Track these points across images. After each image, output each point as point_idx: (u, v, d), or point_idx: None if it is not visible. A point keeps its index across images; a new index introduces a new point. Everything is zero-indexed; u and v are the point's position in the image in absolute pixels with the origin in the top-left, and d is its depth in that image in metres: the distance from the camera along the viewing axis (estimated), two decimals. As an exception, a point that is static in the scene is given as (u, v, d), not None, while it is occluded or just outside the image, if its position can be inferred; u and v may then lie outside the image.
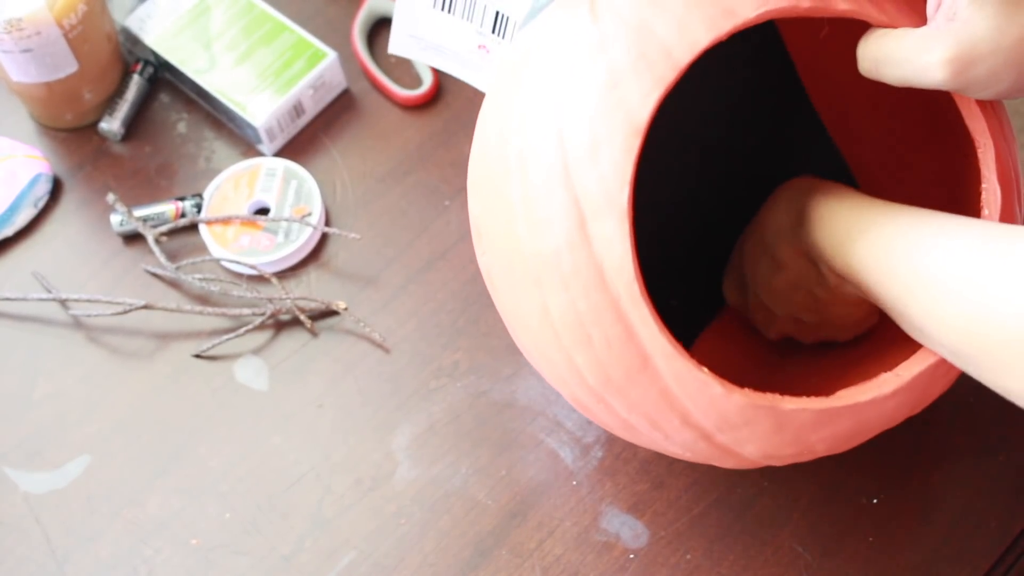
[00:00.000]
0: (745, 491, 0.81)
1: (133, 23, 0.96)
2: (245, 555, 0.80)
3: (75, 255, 0.91)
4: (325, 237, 0.91)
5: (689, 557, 0.79)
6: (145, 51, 0.96)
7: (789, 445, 0.64)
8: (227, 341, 0.87)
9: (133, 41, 0.96)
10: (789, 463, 0.67)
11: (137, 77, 0.96)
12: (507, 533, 0.80)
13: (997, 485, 0.81)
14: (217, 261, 0.90)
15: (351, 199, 0.92)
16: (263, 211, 0.92)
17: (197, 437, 0.84)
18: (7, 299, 0.88)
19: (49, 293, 0.88)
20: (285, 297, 0.87)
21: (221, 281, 0.88)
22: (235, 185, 0.91)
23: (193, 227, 0.91)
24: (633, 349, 0.61)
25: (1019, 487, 0.81)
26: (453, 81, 0.96)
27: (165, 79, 0.97)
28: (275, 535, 0.81)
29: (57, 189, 0.93)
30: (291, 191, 0.91)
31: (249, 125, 0.92)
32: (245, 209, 0.90)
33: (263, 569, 0.80)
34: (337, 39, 0.97)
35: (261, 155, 0.94)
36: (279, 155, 0.94)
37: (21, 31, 0.86)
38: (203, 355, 0.87)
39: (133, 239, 0.91)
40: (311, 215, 0.90)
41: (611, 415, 0.65)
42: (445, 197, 0.92)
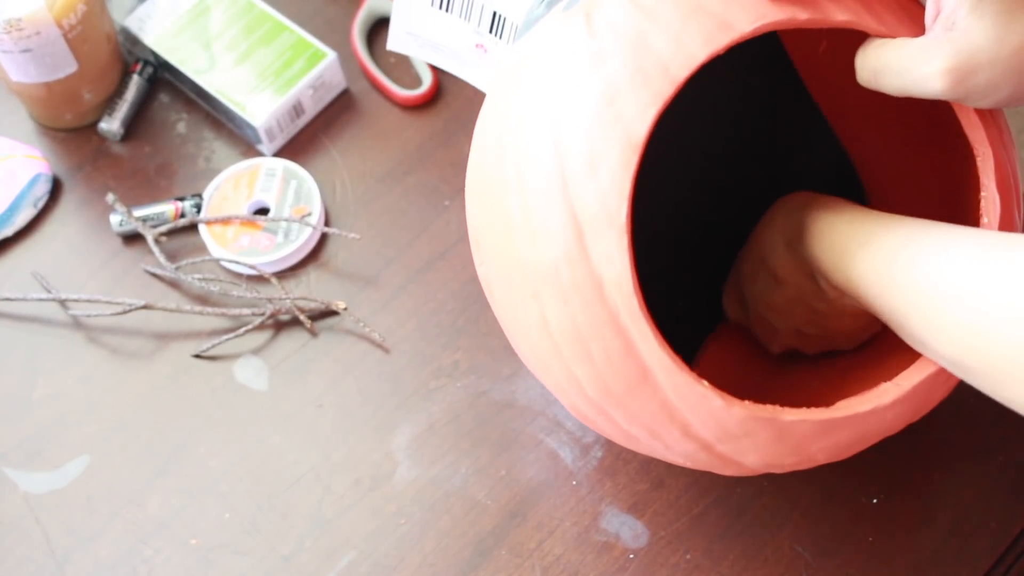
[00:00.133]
0: (745, 491, 0.81)
1: (133, 23, 0.96)
2: (245, 555, 0.80)
3: (75, 255, 0.91)
4: (325, 237, 0.91)
5: (689, 557, 0.79)
6: (145, 51, 0.96)
7: (789, 455, 0.64)
8: (227, 341, 0.87)
9: (133, 41, 0.96)
10: (789, 471, 0.67)
11: (137, 77, 0.96)
12: (507, 533, 0.80)
13: (997, 485, 0.81)
14: (217, 261, 0.90)
15: (351, 199, 0.92)
16: (263, 211, 0.92)
17: (197, 437, 0.84)
18: (7, 299, 0.88)
19: (49, 293, 0.88)
20: (285, 297, 0.87)
21: (221, 281, 0.88)
22: (235, 185, 0.91)
23: (193, 227, 0.91)
24: (633, 363, 0.61)
25: (1019, 487, 0.81)
26: (453, 81, 0.96)
27: (165, 79, 0.97)
28: (275, 535, 0.81)
29: (57, 189, 0.93)
30: (291, 191, 0.91)
31: (249, 125, 0.92)
32: (245, 209, 0.90)
33: (263, 569, 0.80)
34: (337, 39, 0.97)
35: (261, 155, 0.94)
36: (279, 155, 0.94)
37: (21, 31, 0.86)
38: (203, 355, 0.87)
39: (133, 239, 0.91)
40: (311, 215, 0.90)
41: (611, 425, 0.65)
42: (445, 197, 0.92)
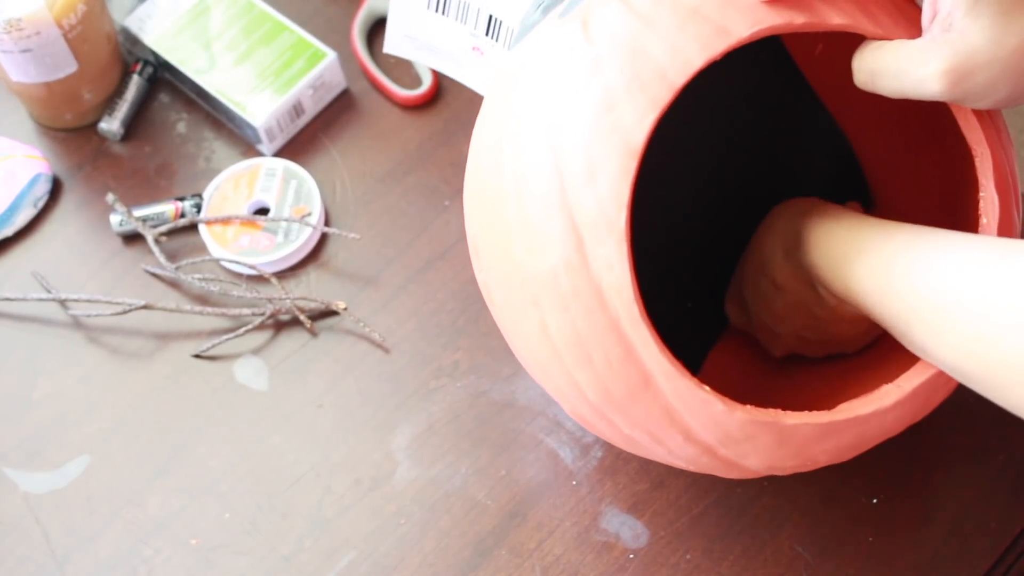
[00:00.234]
0: (745, 491, 0.81)
1: (133, 23, 0.96)
2: (245, 555, 0.80)
3: (75, 255, 0.91)
4: (325, 237, 0.91)
5: (689, 557, 0.79)
6: (145, 51, 0.96)
7: (791, 458, 0.64)
8: (227, 341, 0.86)
9: (133, 41, 0.96)
10: (791, 473, 0.67)
11: (137, 77, 0.96)
12: (507, 533, 0.80)
13: (997, 485, 0.81)
14: (217, 261, 0.90)
15: (351, 199, 0.92)
16: (263, 211, 0.92)
17: (197, 437, 0.84)
18: (7, 299, 0.88)
19: (49, 293, 0.88)
20: (285, 297, 0.87)
21: (221, 281, 0.88)
22: (235, 185, 0.91)
23: (193, 227, 0.91)
24: (634, 369, 0.61)
25: (1019, 487, 0.81)
26: (453, 81, 0.96)
27: (165, 79, 0.97)
28: (275, 535, 0.81)
29: (57, 189, 0.93)
30: (291, 191, 0.91)
31: (249, 125, 0.92)
32: (245, 209, 0.90)
33: (263, 569, 0.80)
34: (337, 39, 0.97)
35: (261, 155, 0.94)
36: (279, 155, 0.94)
37: (21, 31, 0.86)
38: (203, 355, 0.87)
39: (133, 239, 0.91)
40: (311, 215, 0.90)
41: (613, 430, 0.65)
42: (445, 197, 0.92)
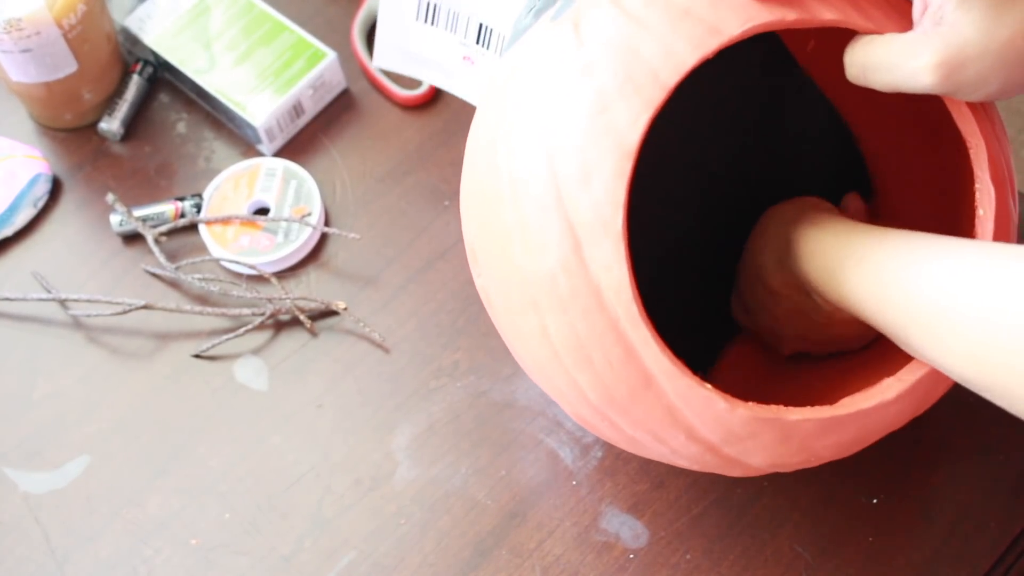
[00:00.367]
0: (745, 491, 0.81)
1: (133, 23, 0.96)
2: (245, 555, 0.80)
3: (74, 255, 0.91)
4: (325, 237, 0.91)
5: (689, 557, 0.79)
6: (145, 51, 0.96)
7: (795, 454, 0.64)
8: (227, 341, 0.86)
9: (133, 41, 0.96)
10: (794, 470, 0.67)
11: (137, 77, 0.96)
12: (507, 533, 0.80)
13: (997, 485, 0.81)
14: (217, 261, 0.90)
15: (351, 199, 0.92)
16: (263, 211, 0.92)
17: (197, 437, 0.84)
18: (7, 299, 0.88)
19: (49, 293, 0.88)
20: (285, 297, 0.87)
21: (221, 281, 0.88)
22: (235, 185, 0.91)
23: (193, 227, 0.91)
24: (635, 369, 0.61)
25: (1019, 487, 0.81)
26: (453, 81, 0.96)
27: (165, 79, 0.97)
28: (275, 535, 0.81)
29: (56, 189, 0.93)
30: (291, 191, 0.91)
31: (249, 125, 0.92)
32: (245, 209, 0.90)
33: (263, 569, 0.80)
34: (337, 39, 0.97)
35: (261, 155, 0.94)
36: (279, 155, 0.94)
37: (20, 31, 0.86)
38: (203, 355, 0.87)
39: (133, 239, 0.91)
40: (311, 215, 0.90)
41: (615, 431, 0.65)
42: (445, 197, 0.92)
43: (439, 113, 0.95)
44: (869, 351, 0.76)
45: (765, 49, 0.80)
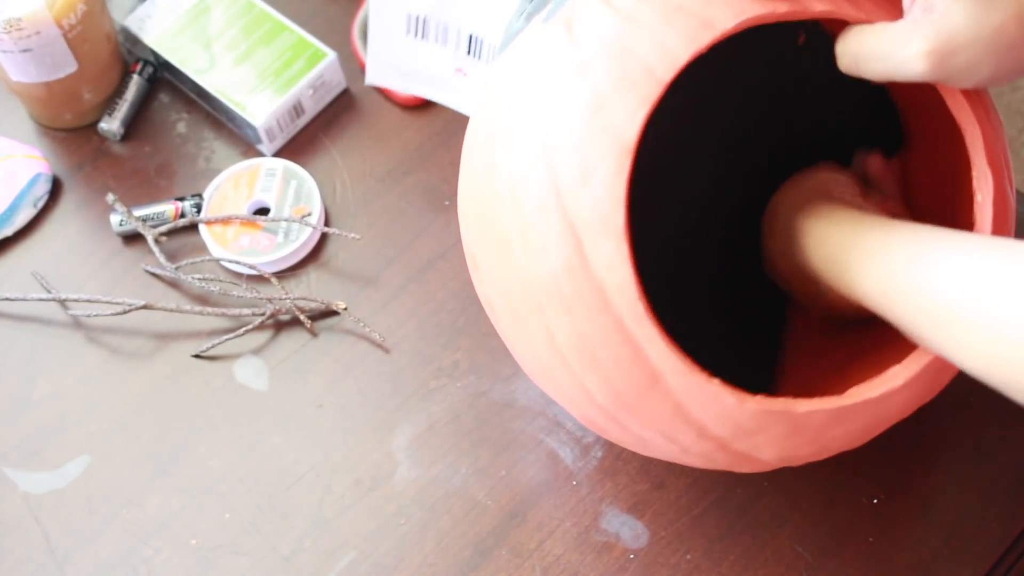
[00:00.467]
0: (745, 491, 0.81)
1: (133, 23, 0.96)
2: (245, 555, 0.80)
3: (75, 255, 0.91)
4: (325, 237, 0.91)
5: (689, 557, 0.79)
6: (145, 51, 0.96)
7: (806, 446, 0.64)
8: (227, 341, 0.86)
9: (133, 41, 0.96)
10: (806, 463, 0.67)
11: (137, 77, 0.95)
12: (507, 533, 0.80)
13: (997, 485, 0.81)
14: (217, 261, 0.90)
15: (351, 199, 0.92)
16: (263, 211, 0.92)
17: (197, 437, 0.84)
18: (7, 299, 0.88)
19: (49, 293, 0.88)
20: (285, 297, 0.87)
21: (221, 281, 0.88)
22: (235, 185, 0.91)
23: (193, 227, 0.91)
24: (642, 368, 0.61)
25: (1019, 487, 0.81)
26: (453, 81, 0.96)
27: (165, 79, 0.97)
28: (275, 535, 0.81)
29: (56, 189, 0.93)
30: (291, 191, 0.91)
31: (249, 125, 0.92)
32: (245, 209, 0.90)
33: (263, 569, 0.80)
34: (337, 39, 0.97)
35: (261, 155, 0.94)
36: (279, 155, 0.94)
37: (20, 31, 0.86)
38: (203, 355, 0.87)
39: (133, 239, 0.91)
40: (311, 215, 0.90)
41: (624, 432, 0.65)
42: (445, 197, 0.92)
43: (439, 113, 0.95)
44: (874, 338, 0.76)
45: (763, 39, 0.80)
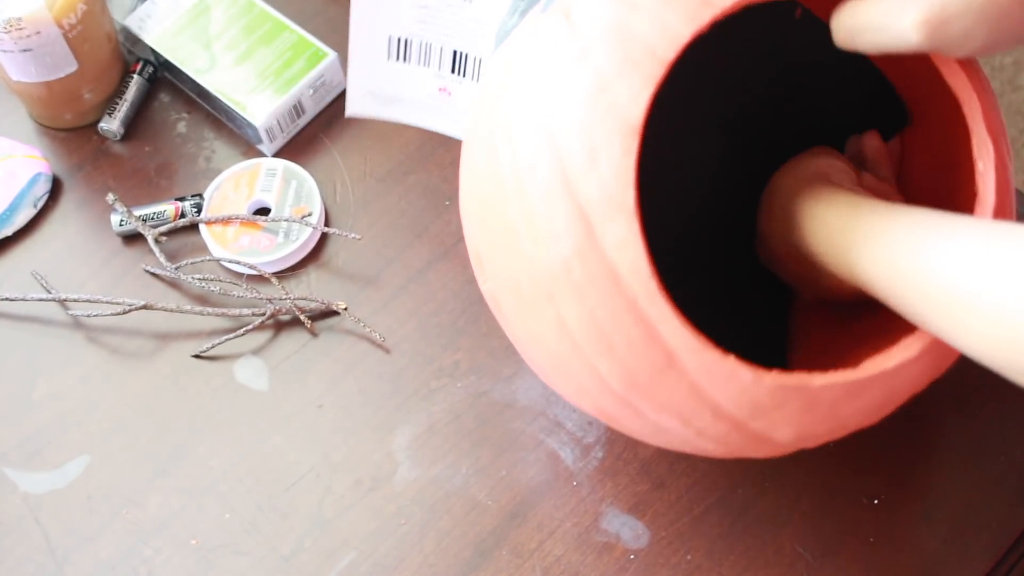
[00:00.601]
0: (746, 491, 0.81)
1: (133, 23, 0.96)
2: (245, 555, 0.80)
3: (75, 255, 0.91)
4: (325, 237, 0.91)
5: (690, 558, 0.79)
6: (145, 51, 0.96)
7: (822, 422, 0.64)
8: (227, 341, 0.86)
9: (133, 41, 0.96)
10: (822, 443, 0.66)
11: (137, 77, 0.95)
12: (507, 533, 0.80)
13: (998, 486, 0.81)
14: (217, 261, 0.90)
15: (351, 199, 0.92)
16: (263, 211, 0.92)
17: (197, 437, 0.84)
18: (7, 299, 0.88)
19: (49, 293, 0.88)
20: (285, 297, 0.87)
21: (221, 281, 0.88)
22: (235, 185, 0.91)
23: (193, 227, 0.91)
24: (657, 348, 0.61)
25: (1019, 487, 0.81)
26: (453, 81, 0.96)
27: (165, 79, 0.97)
28: (275, 535, 0.81)
29: (56, 189, 0.93)
30: (291, 191, 0.91)
31: (249, 125, 0.92)
32: (245, 209, 0.90)
33: (263, 569, 0.80)
34: (337, 39, 0.97)
35: (261, 155, 0.94)
36: (279, 155, 0.94)
37: (20, 31, 0.86)
38: (203, 355, 0.87)
39: (133, 239, 0.91)
40: (311, 215, 0.90)
41: (639, 420, 0.65)
42: (445, 197, 0.92)
43: (439, 113, 0.95)
44: (881, 317, 0.75)
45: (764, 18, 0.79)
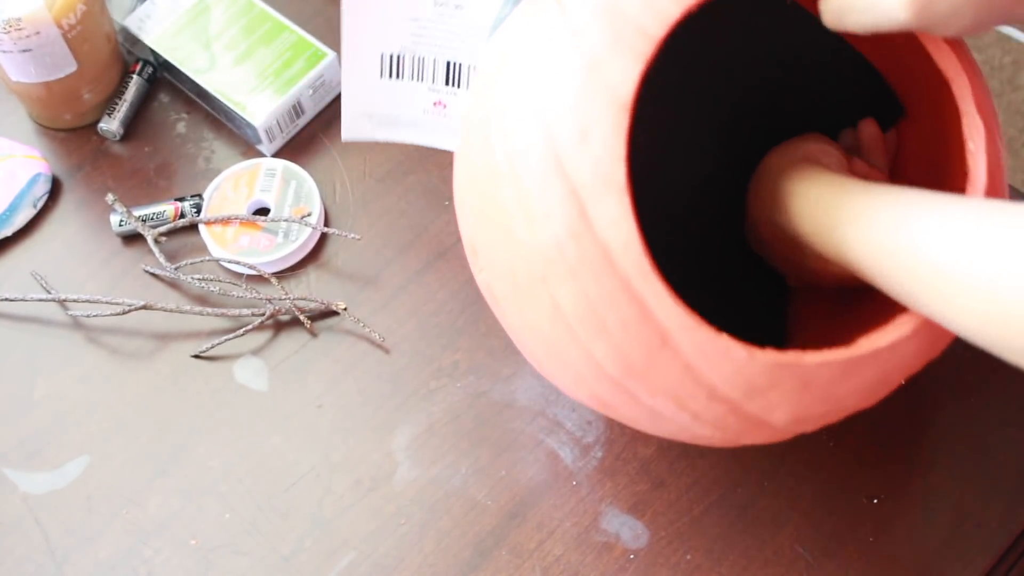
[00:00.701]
0: (746, 491, 0.81)
1: (132, 23, 0.96)
2: (245, 555, 0.80)
3: (74, 255, 0.91)
4: (324, 237, 0.91)
5: (689, 557, 0.79)
6: (144, 51, 0.96)
7: (818, 403, 0.63)
8: (227, 341, 0.86)
9: (132, 41, 0.96)
10: (820, 427, 0.66)
11: (136, 77, 0.95)
12: (507, 533, 0.80)
13: (997, 485, 0.81)
14: (216, 261, 0.90)
15: (351, 199, 0.92)
16: (263, 211, 0.92)
17: (197, 437, 0.84)
18: (6, 299, 0.88)
19: (48, 293, 0.88)
20: (285, 297, 0.87)
21: (220, 281, 0.88)
22: (235, 185, 0.91)
23: (193, 227, 0.91)
24: (650, 327, 0.61)
25: (1019, 487, 0.81)
26: (453, 81, 0.96)
27: (164, 79, 0.97)
28: (275, 535, 0.81)
29: (56, 189, 0.93)
30: (291, 191, 0.91)
31: (249, 125, 0.92)
32: (245, 209, 0.90)
33: (263, 569, 0.80)
34: (337, 39, 0.97)
35: (261, 155, 0.94)
36: (278, 155, 0.94)
37: (20, 31, 0.86)
38: (202, 355, 0.87)
39: (132, 239, 0.91)
40: (311, 215, 0.90)
41: (634, 405, 0.65)
42: (445, 197, 0.92)
43: (439, 113, 0.95)
44: (876, 300, 0.75)
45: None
